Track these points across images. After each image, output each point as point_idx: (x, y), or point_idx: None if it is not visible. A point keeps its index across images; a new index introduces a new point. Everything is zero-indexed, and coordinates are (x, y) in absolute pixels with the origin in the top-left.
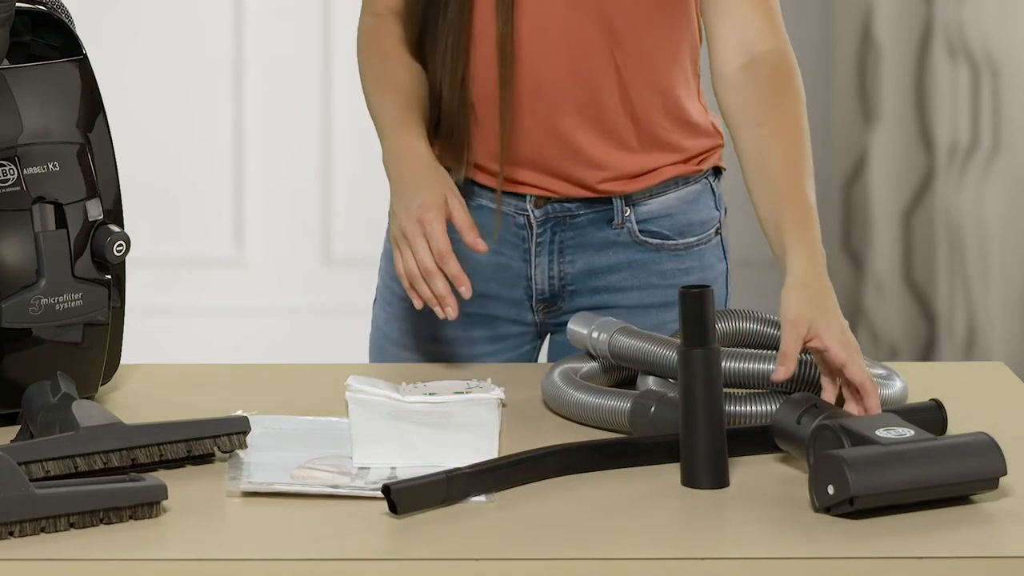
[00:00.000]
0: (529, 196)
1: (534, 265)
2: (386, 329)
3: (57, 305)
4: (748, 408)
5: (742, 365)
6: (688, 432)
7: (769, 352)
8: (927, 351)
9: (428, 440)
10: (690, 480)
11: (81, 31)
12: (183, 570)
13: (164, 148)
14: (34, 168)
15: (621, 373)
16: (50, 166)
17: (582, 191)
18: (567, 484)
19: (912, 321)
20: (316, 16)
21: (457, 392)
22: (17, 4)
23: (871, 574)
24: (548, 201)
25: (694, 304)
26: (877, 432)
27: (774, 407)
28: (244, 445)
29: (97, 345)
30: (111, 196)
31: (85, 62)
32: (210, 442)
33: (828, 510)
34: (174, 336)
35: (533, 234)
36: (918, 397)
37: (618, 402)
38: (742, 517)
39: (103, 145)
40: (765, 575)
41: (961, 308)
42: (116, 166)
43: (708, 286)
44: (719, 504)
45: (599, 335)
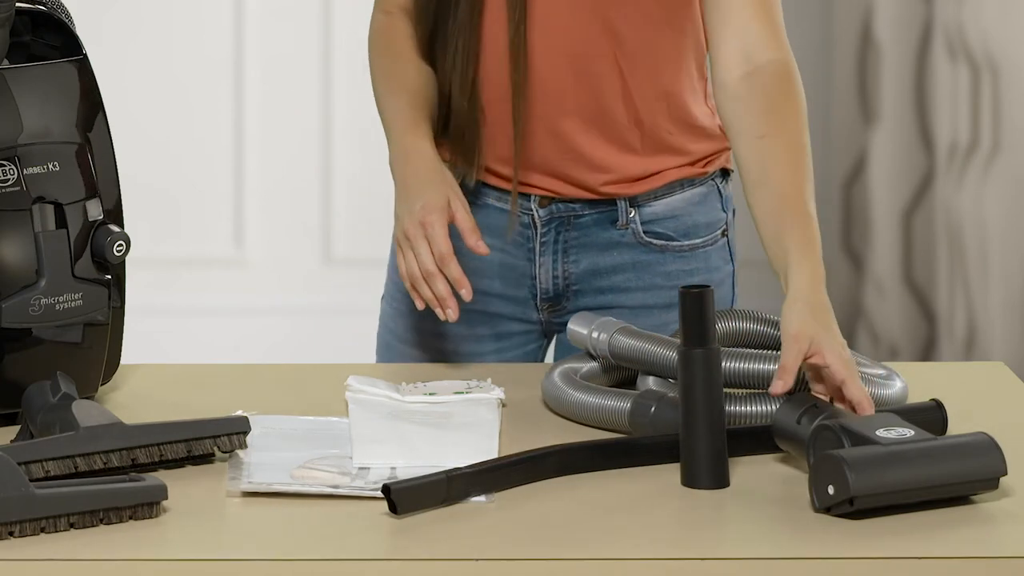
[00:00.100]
0: (534, 196)
1: (538, 264)
2: (391, 325)
3: (57, 305)
4: (748, 408)
5: (742, 365)
6: (688, 432)
7: (769, 352)
8: (927, 351)
9: (428, 440)
10: (690, 480)
11: (81, 31)
12: (183, 570)
13: (164, 148)
14: (34, 168)
15: (621, 373)
16: (50, 166)
17: (584, 193)
18: (567, 484)
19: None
20: (316, 16)
21: (457, 392)
22: (17, 4)
23: (871, 574)
24: (552, 201)
25: (694, 304)
26: (877, 432)
27: (774, 407)
28: (244, 445)
29: (97, 345)
30: (111, 196)
31: (85, 62)
32: (210, 442)
33: (828, 510)
34: (174, 336)
35: (537, 233)
36: (918, 397)
37: (618, 402)
38: (742, 517)
39: (103, 145)
40: (765, 575)
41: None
42: (116, 166)
43: (708, 286)
44: (719, 504)
45: (599, 335)
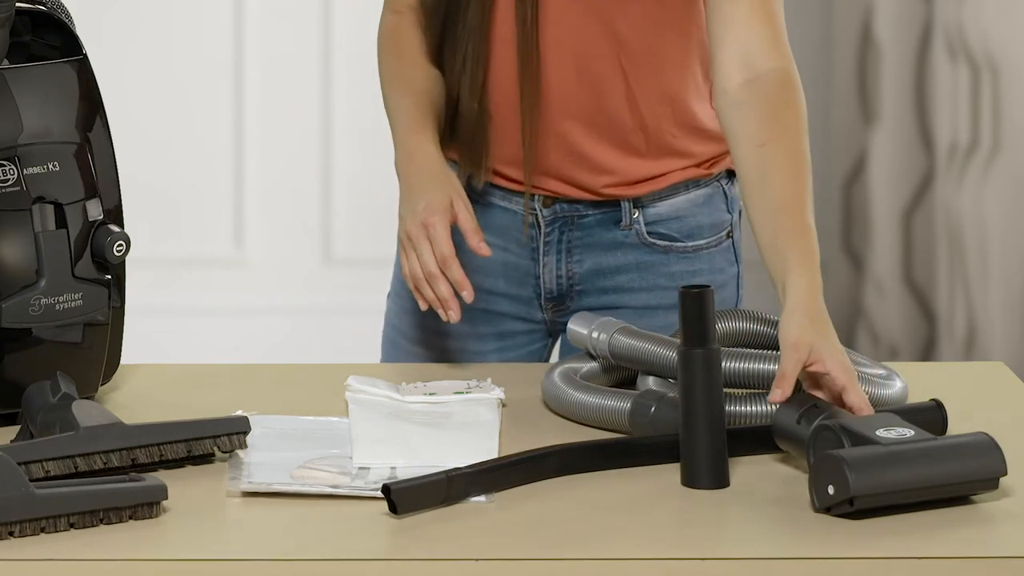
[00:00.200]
0: (537, 196)
1: (542, 264)
2: (396, 322)
3: (57, 305)
4: (748, 408)
5: (742, 365)
6: (688, 432)
7: (769, 352)
8: (927, 351)
9: (428, 440)
10: (690, 480)
11: (81, 31)
12: (183, 570)
13: (164, 148)
14: (34, 168)
15: (621, 373)
16: (50, 166)
17: (585, 194)
18: (567, 484)
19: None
20: (316, 16)
21: (457, 392)
22: (17, 4)
23: (871, 574)
24: (556, 201)
25: (694, 304)
26: (877, 432)
27: (774, 407)
28: (244, 445)
29: (97, 345)
30: (111, 196)
31: (85, 62)
32: (210, 442)
33: (828, 510)
34: (174, 336)
35: (541, 233)
36: (918, 397)
37: (618, 402)
38: (742, 517)
39: (103, 145)
40: (765, 575)
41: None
42: (116, 166)
43: (708, 286)
44: (719, 504)
45: (599, 335)
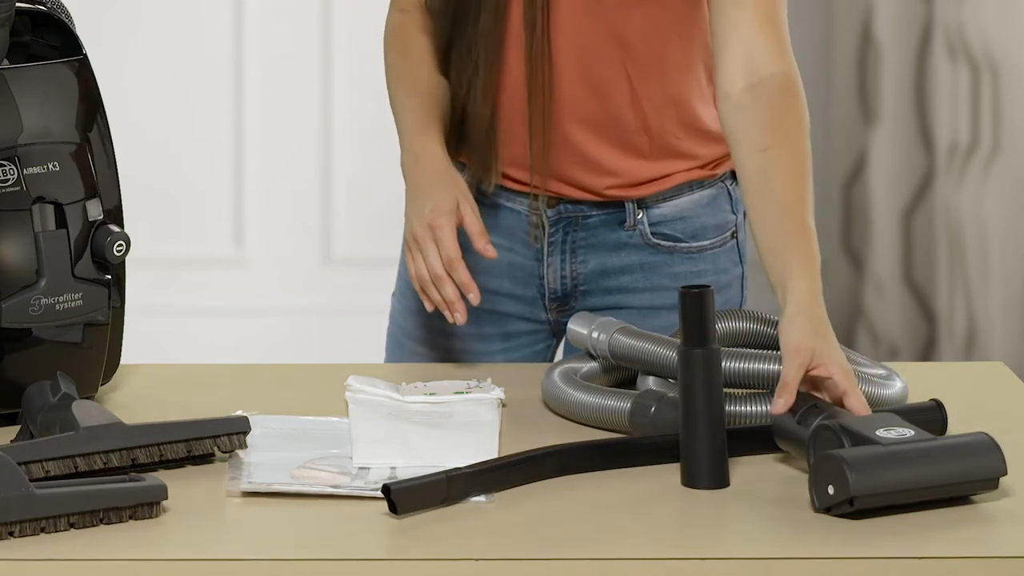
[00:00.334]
0: (542, 196)
1: (546, 264)
2: (401, 321)
3: (57, 305)
4: (748, 408)
5: (742, 365)
6: (688, 432)
7: (769, 352)
8: (927, 351)
9: (428, 440)
10: (690, 480)
11: (81, 31)
12: (183, 570)
13: (164, 148)
14: (34, 168)
15: (621, 373)
16: (50, 166)
17: (590, 195)
18: (567, 484)
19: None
20: (316, 16)
21: (457, 392)
22: (17, 4)
23: (871, 574)
24: (560, 202)
25: (694, 304)
26: (877, 432)
27: None
28: (244, 445)
29: (97, 345)
30: (111, 196)
31: (85, 62)
32: (210, 442)
33: (828, 510)
34: (174, 336)
35: (545, 233)
36: (918, 397)
37: (618, 402)
38: (742, 517)
39: (103, 145)
40: (765, 575)
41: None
42: (116, 166)
43: (708, 286)
44: (719, 504)
45: (599, 335)
